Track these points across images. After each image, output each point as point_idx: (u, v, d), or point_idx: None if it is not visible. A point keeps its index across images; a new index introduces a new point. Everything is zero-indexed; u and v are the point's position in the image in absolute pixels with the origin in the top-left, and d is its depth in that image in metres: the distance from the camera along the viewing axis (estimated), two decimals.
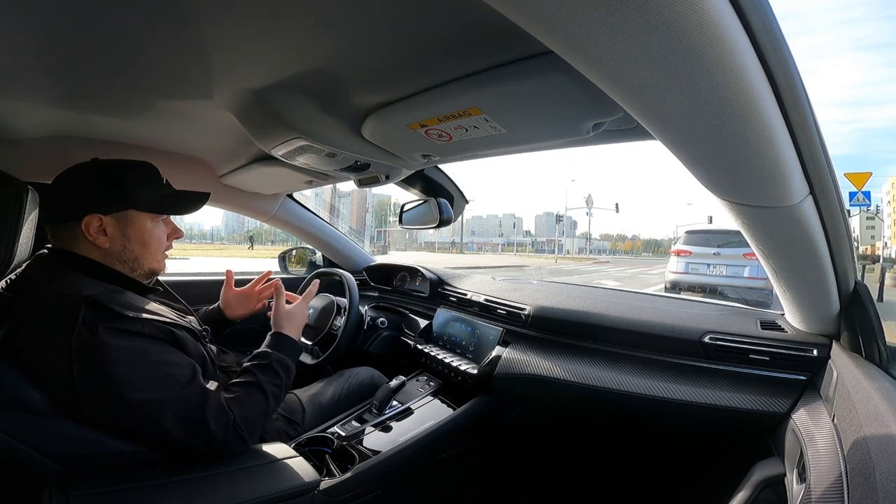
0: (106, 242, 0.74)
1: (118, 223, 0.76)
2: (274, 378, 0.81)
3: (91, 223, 0.73)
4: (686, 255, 5.83)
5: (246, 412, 0.74)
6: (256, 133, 0.91)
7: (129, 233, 0.77)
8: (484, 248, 40.54)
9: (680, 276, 5.82)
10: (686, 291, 5.68)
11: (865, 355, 0.68)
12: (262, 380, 0.79)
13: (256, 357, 0.85)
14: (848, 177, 8.29)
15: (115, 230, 0.75)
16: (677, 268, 5.93)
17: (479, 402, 1.09)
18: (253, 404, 0.76)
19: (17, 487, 0.65)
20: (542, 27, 0.35)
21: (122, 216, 0.76)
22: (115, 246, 0.76)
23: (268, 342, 0.89)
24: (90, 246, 0.74)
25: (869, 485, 0.40)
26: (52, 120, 0.98)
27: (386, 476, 0.89)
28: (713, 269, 5.60)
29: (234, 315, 1.13)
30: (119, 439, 0.67)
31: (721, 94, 0.38)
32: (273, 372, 0.82)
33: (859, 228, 50.51)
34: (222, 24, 0.57)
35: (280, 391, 0.82)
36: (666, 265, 6.49)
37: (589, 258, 39.97)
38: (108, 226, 0.75)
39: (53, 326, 0.64)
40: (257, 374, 0.80)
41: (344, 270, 1.42)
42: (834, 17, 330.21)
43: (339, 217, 39.57)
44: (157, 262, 0.83)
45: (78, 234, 0.73)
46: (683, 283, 5.80)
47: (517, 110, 0.69)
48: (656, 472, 1.11)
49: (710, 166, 0.53)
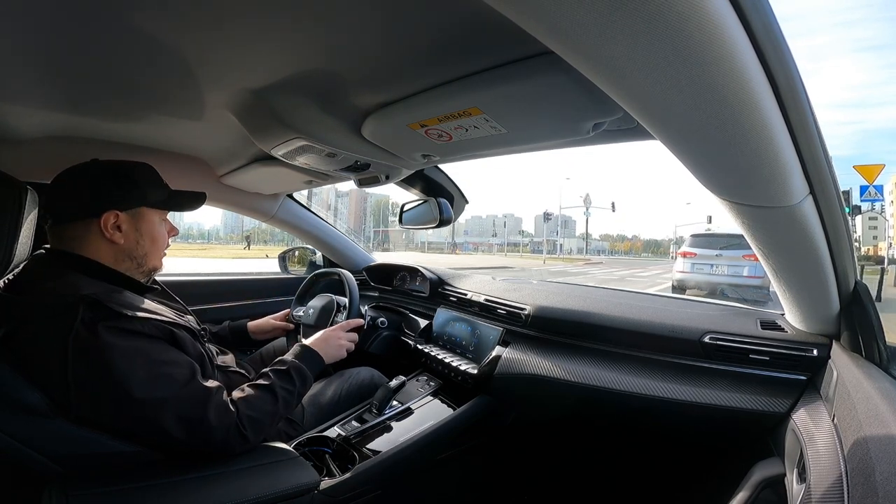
0: (121, 238, 0.76)
1: (133, 220, 0.78)
2: (288, 384, 0.82)
3: (109, 219, 0.75)
4: (692, 257, 6.55)
5: (253, 412, 0.74)
6: (256, 133, 0.91)
7: (143, 229, 0.80)
8: (480, 248, 40.19)
9: (686, 275, 6.51)
10: (692, 288, 6.43)
11: (865, 355, 0.68)
12: (275, 383, 0.80)
13: (277, 363, 0.87)
14: (857, 169, 7.81)
15: (130, 226, 0.78)
16: (684, 267, 6.61)
17: (479, 402, 1.09)
18: (262, 405, 0.76)
19: (17, 487, 0.65)
20: (542, 27, 0.35)
21: (135, 213, 0.79)
22: (129, 242, 0.78)
23: (293, 351, 0.91)
24: (102, 243, 0.75)
25: (869, 485, 0.40)
26: (51, 120, 0.98)
27: (386, 476, 0.89)
28: (716, 268, 6.25)
29: (259, 339, 1.29)
30: (119, 439, 0.67)
31: (721, 95, 0.38)
32: (288, 378, 0.83)
33: (861, 229, 49.69)
34: (222, 25, 0.57)
35: (292, 398, 0.83)
36: (663, 266, 7.44)
37: (581, 259, 39.14)
38: (124, 222, 0.77)
39: (52, 326, 0.64)
40: (272, 378, 0.82)
41: (344, 270, 1.42)
42: (834, 19, 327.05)
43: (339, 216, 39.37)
44: (160, 259, 0.86)
45: (89, 231, 0.74)
46: (689, 281, 6.48)
47: (517, 110, 0.68)
48: (656, 472, 1.11)
49: (709, 166, 0.53)
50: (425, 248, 41.91)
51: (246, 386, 0.80)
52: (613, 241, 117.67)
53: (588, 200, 45.07)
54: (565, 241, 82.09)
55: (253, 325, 1.27)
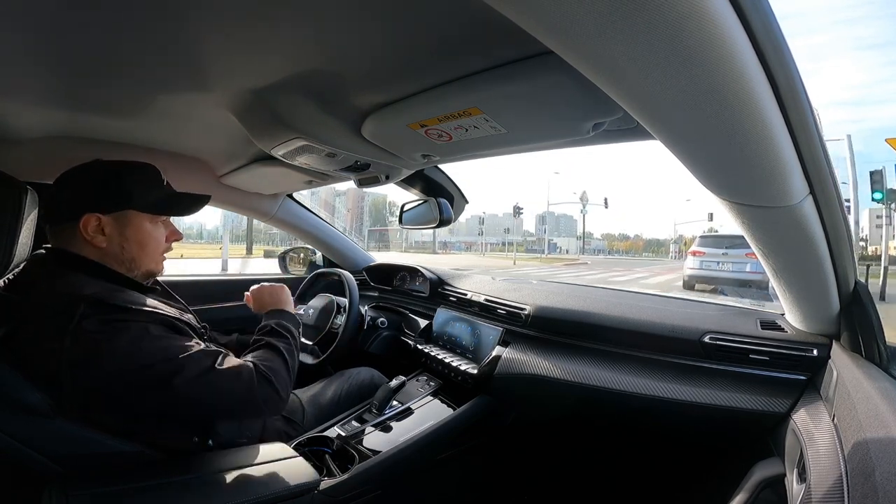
0: (103, 242, 0.74)
1: (116, 223, 0.75)
2: (279, 339, 0.84)
3: (89, 222, 0.72)
4: (700, 255, 7.55)
5: (268, 362, 0.76)
6: (256, 133, 0.91)
7: (128, 233, 0.76)
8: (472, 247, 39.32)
9: (696, 272, 7.53)
10: (702, 283, 7.40)
11: (865, 355, 0.68)
12: (269, 341, 0.82)
13: (257, 331, 0.88)
14: (890, 142, 7.70)
15: (114, 230, 0.75)
16: (694, 265, 7.61)
17: (479, 402, 1.09)
18: (271, 358, 0.78)
19: (17, 487, 0.65)
20: (542, 27, 0.35)
21: (120, 216, 0.75)
22: (113, 246, 0.75)
23: (262, 323, 0.92)
24: (88, 246, 0.74)
25: (869, 485, 0.40)
26: (51, 120, 0.98)
27: (386, 476, 0.89)
28: (722, 265, 7.14)
29: None
30: (119, 439, 0.67)
31: (721, 95, 0.38)
32: (277, 334, 0.85)
33: (868, 227, 47.62)
34: (222, 25, 0.57)
35: (292, 348, 0.84)
36: (653, 268, 8.45)
37: (567, 259, 36.53)
38: (107, 225, 0.74)
39: (53, 325, 0.63)
40: (264, 338, 0.83)
41: (344, 270, 1.42)
42: (834, 17, 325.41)
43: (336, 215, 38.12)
44: (155, 264, 0.83)
45: (76, 234, 0.73)
46: (699, 277, 7.46)
47: (517, 110, 0.68)
48: (656, 472, 1.11)
49: (710, 166, 0.53)
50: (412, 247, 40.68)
51: (246, 352, 0.81)
52: (614, 241, 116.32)
53: (585, 198, 44.60)
54: (565, 241, 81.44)
55: None
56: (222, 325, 1.29)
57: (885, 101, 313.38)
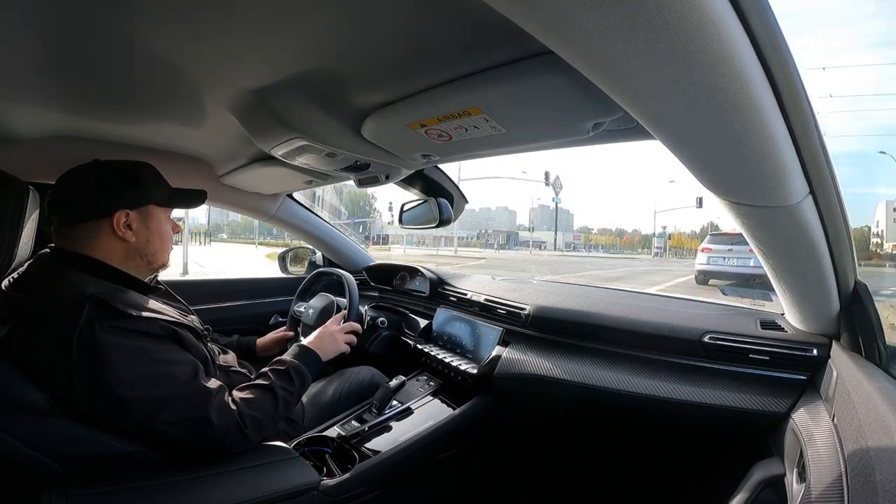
0: (132, 237, 0.78)
1: (142, 218, 0.79)
2: (287, 384, 0.83)
3: (121, 218, 0.76)
4: (709, 252, 8.33)
5: (254, 412, 0.75)
6: (256, 133, 0.91)
7: (152, 227, 0.81)
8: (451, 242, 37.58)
9: (705, 267, 8.27)
10: (713, 278, 8.16)
11: (865, 355, 0.68)
12: (275, 383, 0.81)
13: (276, 363, 0.88)
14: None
15: (140, 225, 0.79)
16: (703, 260, 8.34)
17: (478, 402, 1.09)
18: (262, 405, 0.77)
19: (17, 487, 0.65)
20: (541, 27, 0.35)
21: (143, 211, 0.80)
22: (140, 240, 0.79)
23: (291, 351, 0.92)
24: (113, 241, 0.76)
25: (869, 485, 0.40)
26: (52, 120, 0.99)
27: (386, 476, 0.89)
28: (728, 260, 7.87)
29: (266, 354, 1.28)
30: (119, 439, 0.67)
31: (721, 95, 0.38)
32: (288, 378, 0.84)
33: (886, 222, 43.74)
34: (222, 25, 0.57)
35: (292, 397, 0.84)
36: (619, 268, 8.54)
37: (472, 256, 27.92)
38: (134, 220, 0.78)
39: (56, 324, 0.64)
40: (272, 378, 0.83)
41: (344, 270, 1.42)
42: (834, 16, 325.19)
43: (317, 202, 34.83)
44: (168, 255, 0.87)
45: (100, 230, 0.75)
46: (708, 272, 8.22)
47: (517, 110, 0.68)
48: (656, 471, 1.11)
49: (709, 166, 0.53)
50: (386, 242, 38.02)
51: (246, 386, 0.80)
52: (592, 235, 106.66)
53: (558, 184, 35.94)
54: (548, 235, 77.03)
55: (261, 344, 1.28)
56: (223, 326, 1.30)
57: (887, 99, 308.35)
